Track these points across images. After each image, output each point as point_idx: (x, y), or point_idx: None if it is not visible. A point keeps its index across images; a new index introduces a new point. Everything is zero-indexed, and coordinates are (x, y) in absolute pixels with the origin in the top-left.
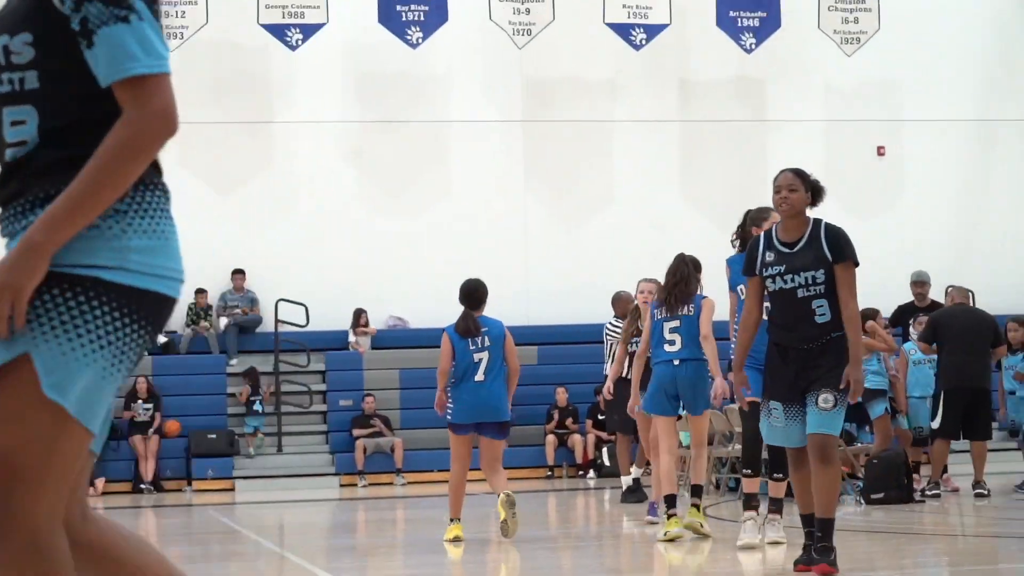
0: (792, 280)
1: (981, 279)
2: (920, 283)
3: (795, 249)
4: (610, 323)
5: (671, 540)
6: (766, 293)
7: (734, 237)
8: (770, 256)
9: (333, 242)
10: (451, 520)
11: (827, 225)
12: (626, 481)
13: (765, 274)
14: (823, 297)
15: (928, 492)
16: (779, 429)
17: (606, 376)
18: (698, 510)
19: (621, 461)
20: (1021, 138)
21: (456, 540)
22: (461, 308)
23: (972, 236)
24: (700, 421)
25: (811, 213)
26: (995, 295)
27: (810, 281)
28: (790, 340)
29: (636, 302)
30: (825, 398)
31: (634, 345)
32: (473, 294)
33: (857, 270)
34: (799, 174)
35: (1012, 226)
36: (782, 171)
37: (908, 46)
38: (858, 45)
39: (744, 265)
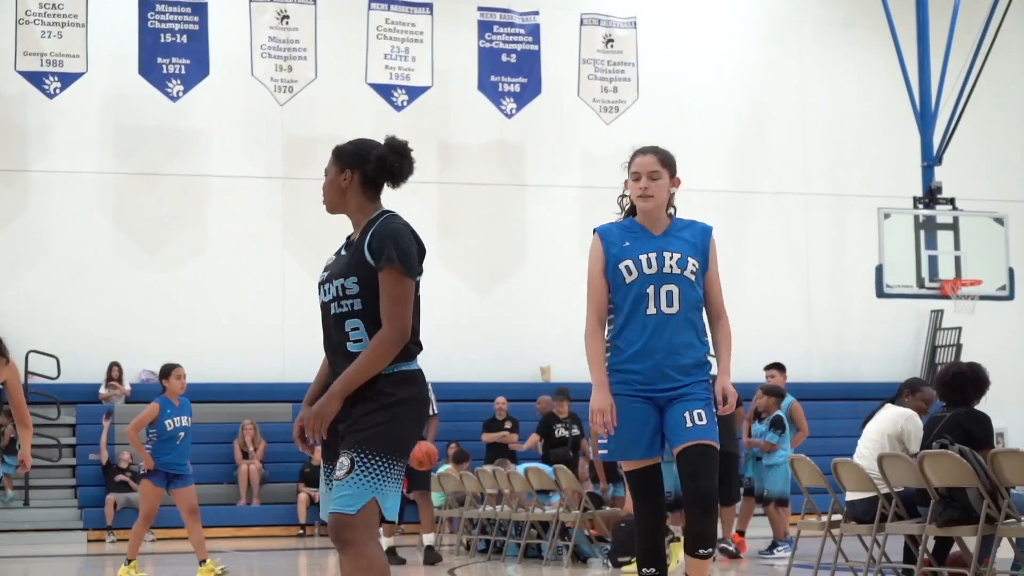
0: None
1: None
2: None
3: None
4: None
5: None
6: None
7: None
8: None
9: (88, 294)
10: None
11: None
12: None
13: None
14: None
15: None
16: None
17: None
18: None
19: (425, 519)
20: (771, 209)
21: None
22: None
23: (727, 302)
24: None
25: None
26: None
27: None
28: None
29: None
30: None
31: None
32: None
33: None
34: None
35: (761, 295)
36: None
37: (665, 116)
38: (616, 114)
39: None
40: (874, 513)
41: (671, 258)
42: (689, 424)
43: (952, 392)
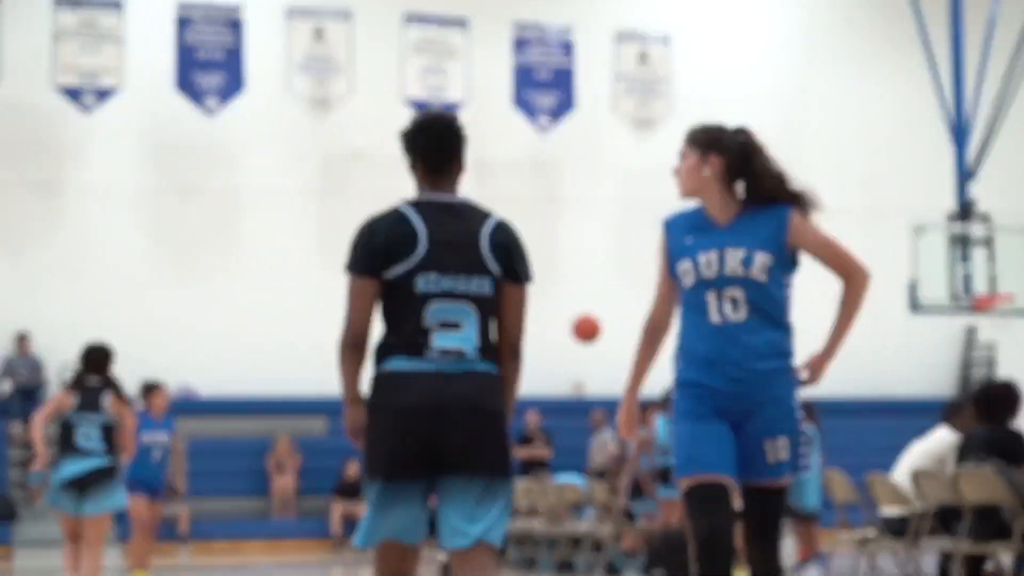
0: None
1: None
2: None
3: None
4: None
5: None
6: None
7: None
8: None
9: (123, 310)
10: None
11: None
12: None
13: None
14: None
15: None
16: None
17: None
18: None
19: None
20: None
21: None
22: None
23: None
24: None
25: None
26: None
27: None
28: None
29: None
30: None
31: None
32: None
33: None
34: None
35: (795, 310)
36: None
37: None
38: (650, 129)
39: None
40: (908, 529)
41: (734, 257)
42: (770, 459)
43: (987, 409)
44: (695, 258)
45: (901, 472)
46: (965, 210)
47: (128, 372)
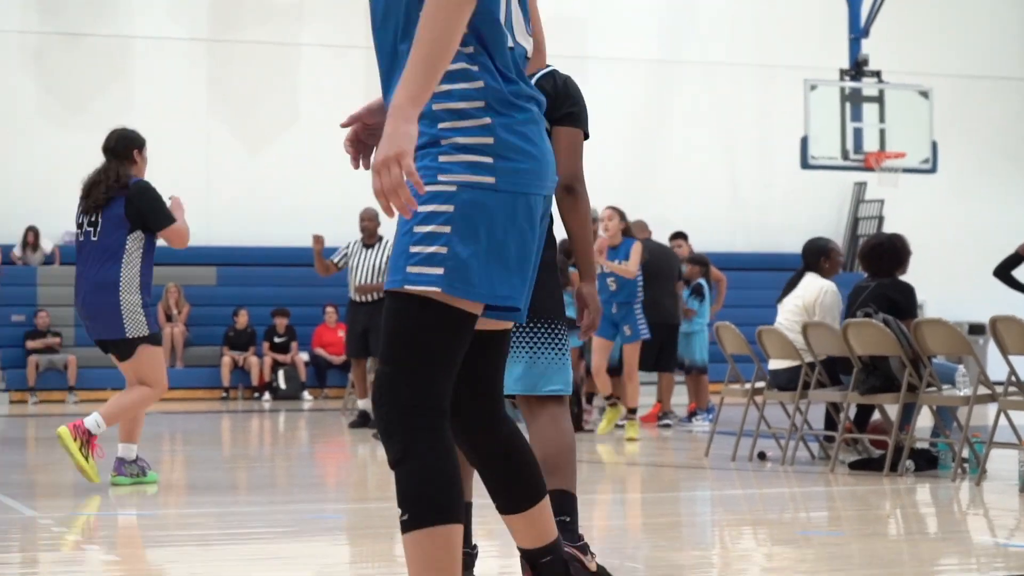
0: None
1: (655, 214)
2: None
3: None
4: None
5: None
6: None
7: None
8: None
9: (6, 155)
10: None
11: None
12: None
13: None
14: None
15: (660, 424)
16: None
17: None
18: None
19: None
20: (698, 79)
21: None
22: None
23: (653, 173)
24: None
25: None
26: (668, 230)
27: None
28: None
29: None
30: None
31: None
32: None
33: None
34: None
35: (687, 165)
36: None
37: None
38: None
39: None
40: (797, 381)
41: None
42: None
43: (875, 262)
44: None
45: (781, 324)
46: (858, 67)
47: (15, 218)
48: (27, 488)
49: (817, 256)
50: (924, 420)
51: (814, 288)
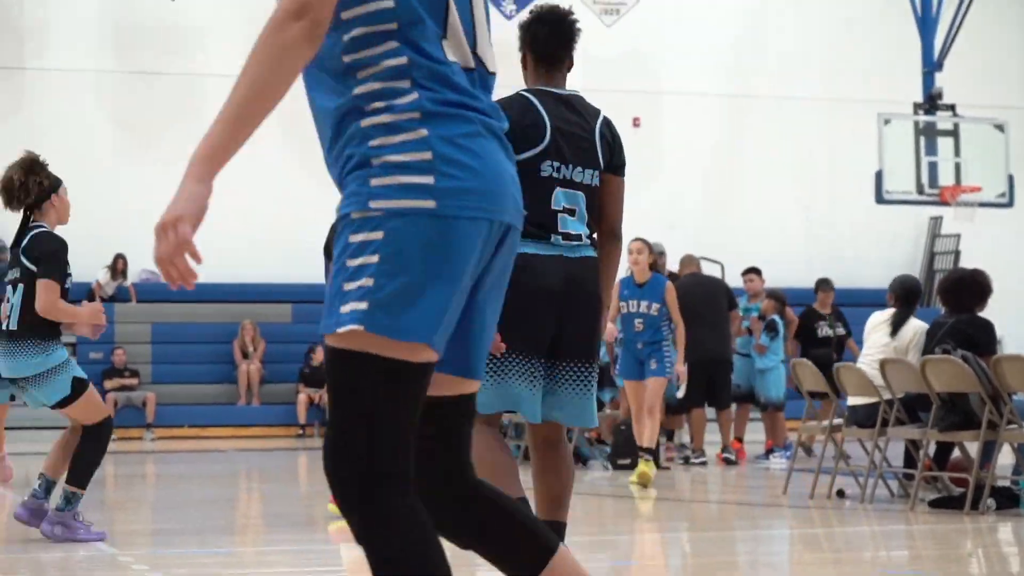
0: None
1: (732, 249)
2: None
3: None
4: None
5: None
6: None
7: None
8: None
9: (84, 194)
10: None
11: None
12: None
13: None
14: None
15: (693, 460)
16: None
17: None
18: None
19: None
20: (769, 114)
21: None
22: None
23: (726, 207)
24: None
25: None
26: (746, 264)
27: None
28: None
29: None
30: None
31: None
32: None
33: None
34: None
35: (759, 200)
36: None
37: (665, 19)
38: (617, 16)
39: None
40: (875, 418)
41: None
42: None
43: (956, 298)
44: None
45: (864, 361)
46: (931, 101)
47: (90, 258)
48: (107, 527)
49: (911, 296)
50: (1005, 457)
51: (910, 330)
